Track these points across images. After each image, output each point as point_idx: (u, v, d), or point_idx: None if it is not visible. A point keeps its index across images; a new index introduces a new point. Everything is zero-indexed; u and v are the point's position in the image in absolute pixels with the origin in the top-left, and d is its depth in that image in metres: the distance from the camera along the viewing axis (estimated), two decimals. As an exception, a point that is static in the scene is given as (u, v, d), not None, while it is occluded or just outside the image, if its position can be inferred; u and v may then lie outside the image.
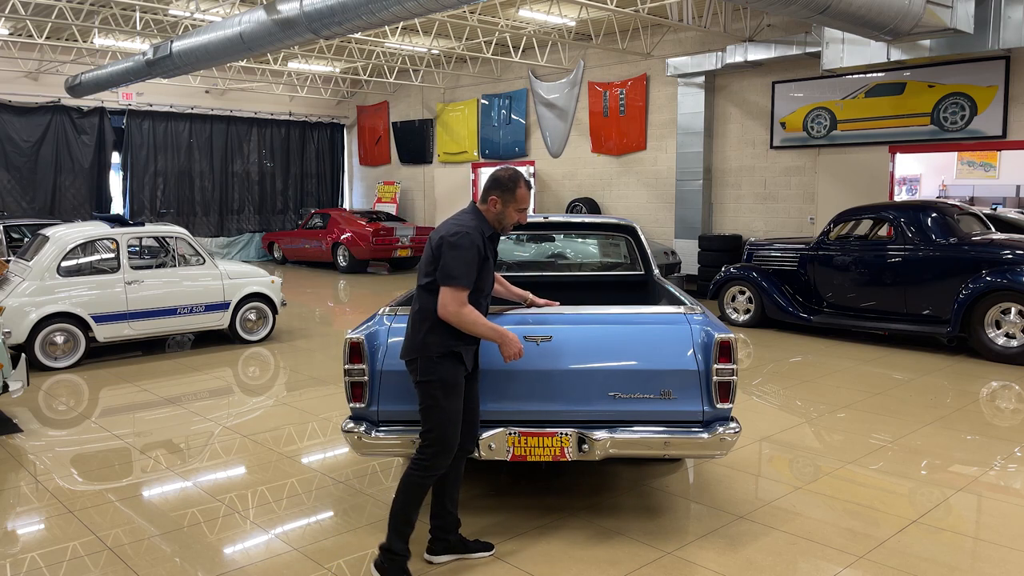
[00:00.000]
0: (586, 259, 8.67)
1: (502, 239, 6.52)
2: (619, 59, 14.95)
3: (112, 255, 8.44)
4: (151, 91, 17.90)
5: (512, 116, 17.27)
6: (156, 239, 9.22)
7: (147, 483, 4.87)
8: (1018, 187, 14.82)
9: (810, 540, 3.99)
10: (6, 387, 5.93)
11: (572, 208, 15.79)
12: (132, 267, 8.47)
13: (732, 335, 3.86)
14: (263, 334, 9.34)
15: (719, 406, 3.84)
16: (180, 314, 8.64)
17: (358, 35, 13.65)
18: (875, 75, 11.72)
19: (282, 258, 18.92)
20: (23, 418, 6.31)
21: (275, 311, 9.42)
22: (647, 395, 3.85)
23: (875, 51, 10.26)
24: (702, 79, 13.40)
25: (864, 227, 9.84)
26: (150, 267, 8.83)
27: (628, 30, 14.24)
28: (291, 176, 20.90)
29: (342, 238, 16.78)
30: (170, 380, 7.56)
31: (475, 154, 18.18)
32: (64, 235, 8.21)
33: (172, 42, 11.21)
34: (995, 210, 11.04)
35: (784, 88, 12.78)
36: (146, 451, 5.48)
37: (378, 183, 20.64)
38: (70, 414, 6.43)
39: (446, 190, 18.87)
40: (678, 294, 4.93)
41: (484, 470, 4.81)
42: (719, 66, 12.87)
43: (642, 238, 5.93)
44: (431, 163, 19.47)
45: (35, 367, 7.83)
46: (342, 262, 16.97)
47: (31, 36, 14.06)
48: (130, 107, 17.98)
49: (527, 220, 3.74)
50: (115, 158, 18.13)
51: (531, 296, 4.23)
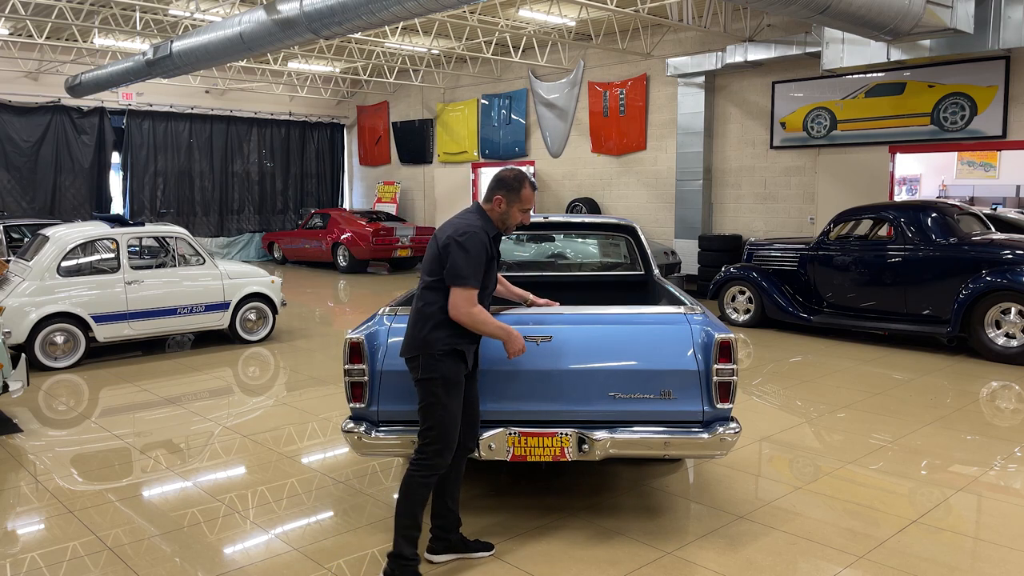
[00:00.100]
0: (586, 259, 8.68)
1: (502, 239, 6.52)
2: (619, 59, 14.95)
3: (112, 255, 8.44)
4: (151, 91, 17.91)
5: (512, 116, 17.27)
6: (156, 239, 9.23)
7: (147, 483, 4.87)
8: (1018, 187, 14.82)
9: (810, 540, 3.99)
10: (6, 387, 5.93)
11: (572, 208, 15.79)
12: (132, 267, 8.48)
13: (732, 335, 3.86)
14: (263, 334, 9.35)
15: (719, 406, 3.84)
16: (180, 314, 8.64)
17: (358, 35, 13.65)
18: (875, 75, 11.72)
19: (282, 258, 18.92)
20: (23, 418, 6.31)
21: (275, 311, 9.42)
22: (647, 395, 3.85)
23: (875, 51, 10.26)
24: (702, 79, 13.41)
25: (864, 227, 9.84)
26: (150, 267, 8.83)
27: (628, 30, 14.24)
28: (291, 176, 20.90)
29: (342, 238, 16.78)
30: (170, 380, 7.56)
31: (475, 154, 18.18)
32: (64, 235, 8.21)
33: (172, 42, 11.21)
34: (995, 210, 11.04)
35: (784, 88, 12.78)
36: (146, 451, 5.48)
37: (378, 183, 20.64)
38: (70, 414, 6.43)
39: (446, 190, 18.87)
40: (678, 294, 4.93)
41: (484, 470, 4.81)
42: (719, 66, 12.87)
43: (642, 238, 5.93)
44: (431, 163, 19.47)
45: (35, 367, 7.84)
46: (342, 262, 16.97)
47: (31, 36, 14.06)
48: (130, 107, 17.98)
49: (529, 220, 3.76)
50: (115, 158, 18.13)
51: (531, 296, 4.23)
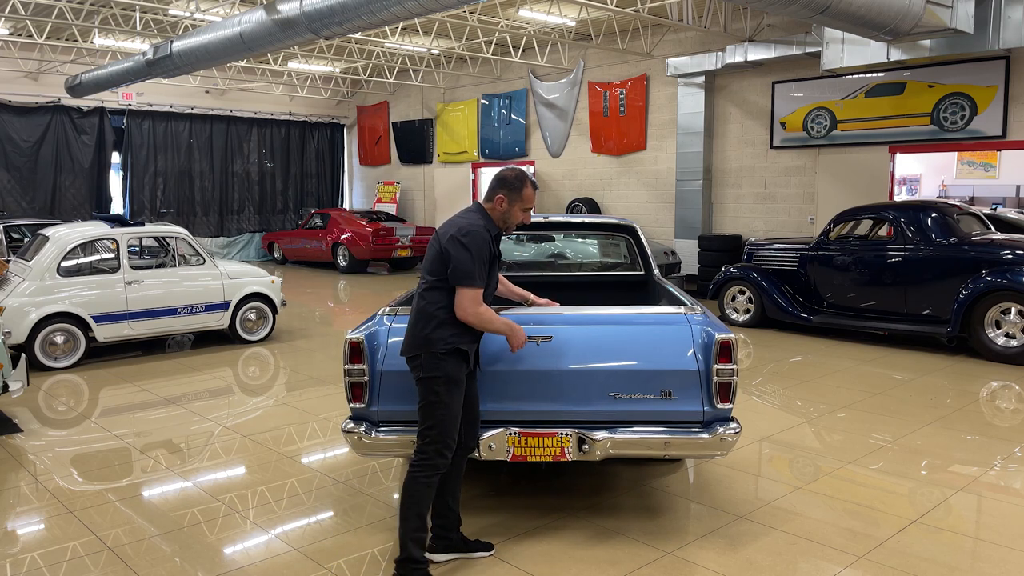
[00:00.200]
0: (586, 259, 8.67)
1: (502, 239, 6.52)
2: (619, 59, 14.95)
3: (112, 255, 8.44)
4: (151, 91, 17.90)
5: (512, 116, 17.26)
6: (156, 239, 9.23)
7: (147, 483, 4.87)
8: (1018, 187, 14.82)
9: (810, 540, 3.99)
10: (6, 387, 5.93)
11: (572, 208, 15.79)
12: (132, 267, 8.48)
13: (732, 335, 3.87)
14: (263, 334, 9.35)
15: (719, 406, 3.84)
16: (180, 314, 8.64)
17: (358, 35, 13.65)
18: (875, 75, 11.72)
19: (282, 258, 18.92)
20: (23, 418, 6.31)
21: (275, 311, 9.42)
22: (647, 395, 3.85)
23: (875, 51, 10.26)
24: (702, 79, 13.40)
25: (864, 227, 9.84)
26: (150, 267, 8.83)
27: (628, 30, 14.24)
28: (291, 176, 20.89)
29: (342, 238, 16.78)
30: (170, 380, 7.56)
31: (475, 154, 18.18)
32: (64, 235, 8.21)
33: (172, 42, 11.21)
34: (995, 210, 11.04)
35: (784, 88, 12.78)
36: (146, 451, 5.48)
37: (378, 183, 20.64)
38: (70, 414, 6.43)
39: (446, 190, 18.87)
40: (678, 294, 4.93)
41: (484, 470, 4.81)
42: (719, 66, 12.87)
43: (642, 238, 5.93)
44: (431, 163, 19.47)
45: (35, 367, 7.83)
46: (342, 262, 16.96)
47: (31, 36, 14.06)
48: (130, 107, 17.98)
49: (530, 220, 3.77)
50: (115, 158, 18.12)
51: (532, 296, 4.24)
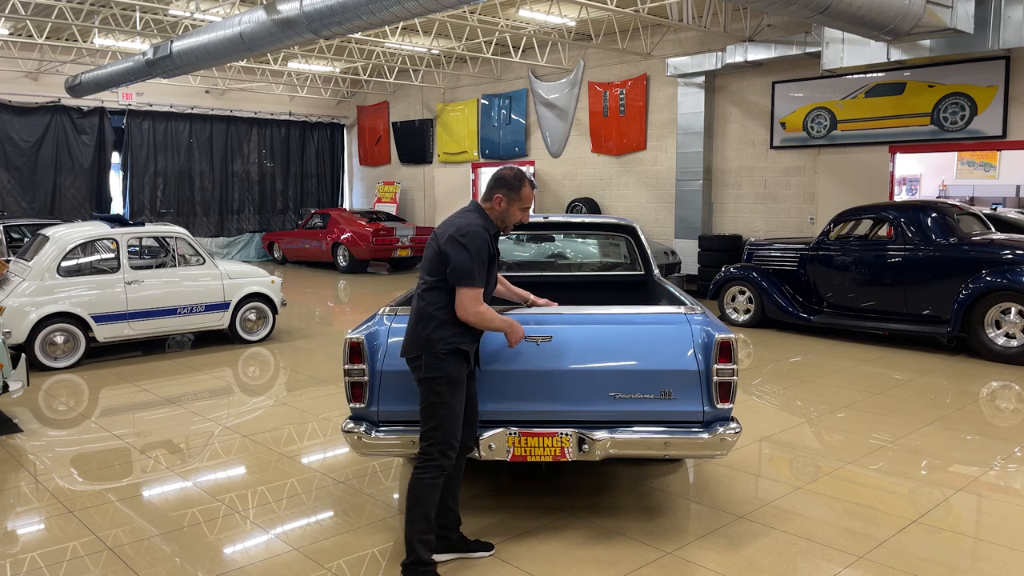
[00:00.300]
0: (586, 259, 8.68)
1: (502, 239, 6.53)
2: (619, 59, 14.95)
3: (112, 255, 8.44)
4: (151, 91, 17.90)
5: (512, 116, 17.26)
6: (156, 239, 9.22)
7: (147, 483, 4.87)
8: (1018, 187, 14.82)
9: (810, 540, 3.99)
10: (6, 387, 5.93)
11: (572, 208, 15.79)
12: (132, 267, 8.47)
13: (732, 335, 3.86)
14: (263, 334, 9.35)
15: (719, 406, 3.84)
16: (180, 314, 8.64)
17: (358, 35, 13.65)
18: (875, 75, 11.72)
19: (282, 258, 18.92)
20: (23, 418, 6.31)
21: (275, 311, 9.42)
22: (647, 395, 3.85)
23: (875, 51, 10.26)
24: (702, 79, 13.40)
25: (864, 227, 9.83)
26: (150, 267, 8.83)
27: (628, 30, 14.24)
28: (291, 176, 20.89)
29: (342, 238, 16.78)
30: (170, 380, 7.56)
31: (475, 154, 18.18)
32: (64, 235, 8.21)
33: (172, 42, 11.21)
34: (995, 210, 11.04)
35: (784, 88, 12.78)
36: (146, 451, 5.48)
37: (378, 183, 20.64)
38: (70, 414, 6.43)
39: (446, 190, 18.87)
40: (678, 294, 4.93)
41: (484, 470, 4.81)
42: (719, 66, 12.87)
43: (642, 238, 5.92)
44: (431, 163, 19.47)
45: (35, 367, 7.83)
46: (342, 262, 16.96)
47: (31, 36, 14.06)
48: (130, 107, 17.98)
49: (528, 220, 3.76)
50: (115, 158, 18.12)
51: (531, 296, 4.23)
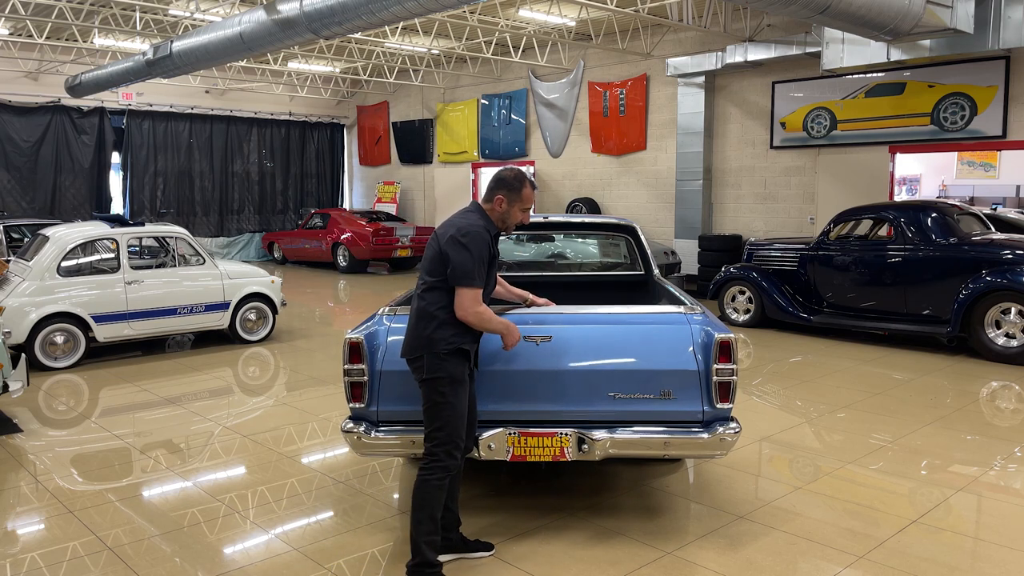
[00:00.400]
0: (586, 259, 8.67)
1: (502, 239, 6.53)
2: (619, 59, 14.95)
3: (112, 255, 8.44)
4: (151, 91, 17.90)
5: (512, 116, 17.26)
6: (156, 239, 9.22)
7: (147, 483, 4.87)
8: (1018, 187, 14.82)
9: (810, 540, 3.99)
10: (6, 387, 5.93)
11: (572, 208, 15.79)
12: (132, 267, 8.47)
13: (732, 335, 3.86)
14: (263, 334, 9.35)
15: (719, 406, 3.84)
16: (180, 314, 8.64)
17: (358, 35, 13.65)
18: (875, 75, 11.72)
19: (282, 258, 18.92)
20: (23, 418, 6.31)
21: (275, 311, 9.42)
22: (647, 395, 3.85)
23: (875, 51, 10.26)
24: (702, 79, 13.40)
25: (864, 227, 9.83)
26: (150, 267, 8.83)
27: (628, 30, 14.23)
28: (291, 176, 20.89)
29: (342, 238, 16.78)
30: (170, 380, 7.56)
31: (475, 154, 18.17)
32: (64, 235, 8.21)
33: (172, 42, 11.21)
34: (995, 210, 11.04)
35: (784, 88, 12.78)
36: (146, 451, 5.48)
37: (378, 183, 20.64)
38: (70, 414, 6.43)
39: (446, 190, 18.87)
40: (678, 294, 4.93)
41: (484, 470, 4.81)
42: (719, 66, 12.87)
43: (642, 238, 5.92)
44: (431, 163, 19.47)
45: (35, 367, 7.83)
46: (342, 262, 16.96)
47: (31, 36, 14.06)
48: (130, 107, 17.98)
49: (529, 220, 3.77)
50: (115, 158, 18.12)
51: (530, 296, 4.23)
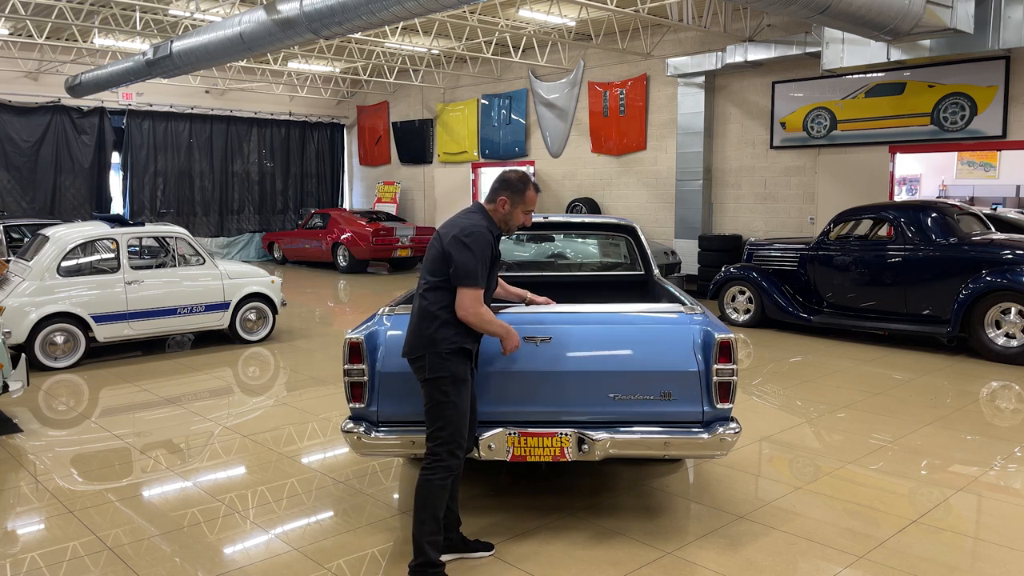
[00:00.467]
0: (586, 259, 8.67)
1: (501, 239, 6.53)
2: (619, 59, 14.94)
3: (112, 255, 8.44)
4: (151, 91, 17.90)
5: (512, 116, 17.26)
6: (156, 239, 9.22)
7: (147, 483, 4.87)
8: (1018, 187, 14.83)
9: (810, 540, 3.99)
10: (6, 387, 5.93)
11: (572, 208, 15.79)
12: (132, 267, 8.47)
13: (732, 335, 3.86)
14: (263, 334, 9.34)
15: (719, 406, 3.84)
16: (180, 314, 8.64)
17: (358, 35, 13.65)
18: (875, 75, 11.72)
19: (282, 258, 18.92)
20: (23, 418, 6.31)
21: (275, 311, 9.42)
22: (647, 396, 3.85)
23: (875, 51, 10.25)
24: (702, 79, 13.40)
25: (864, 227, 9.83)
26: (150, 267, 8.83)
27: (628, 30, 14.23)
28: (291, 176, 20.89)
29: (342, 238, 16.78)
30: (170, 380, 7.56)
31: (475, 154, 18.17)
32: (64, 235, 8.21)
33: (172, 42, 11.21)
34: (995, 210, 11.04)
35: (784, 88, 12.78)
36: (146, 451, 5.48)
37: (378, 183, 20.64)
38: (70, 414, 6.43)
39: (446, 190, 18.87)
40: (678, 294, 4.93)
41: (484, 470, 4.81)
42: (719, 66, 12.87)
43: (642, 238, 5.92)
44: (431, 163, 19.47)
45: (35, 367, 7.83)
46: (342, 262, 16.96)
47: (31, 36, 14.05)
48: (130, 107, 17.97)
49: (531, 222, 3.77)
50: (115, 158, 18.12)
51: (530, 294, 4.24)
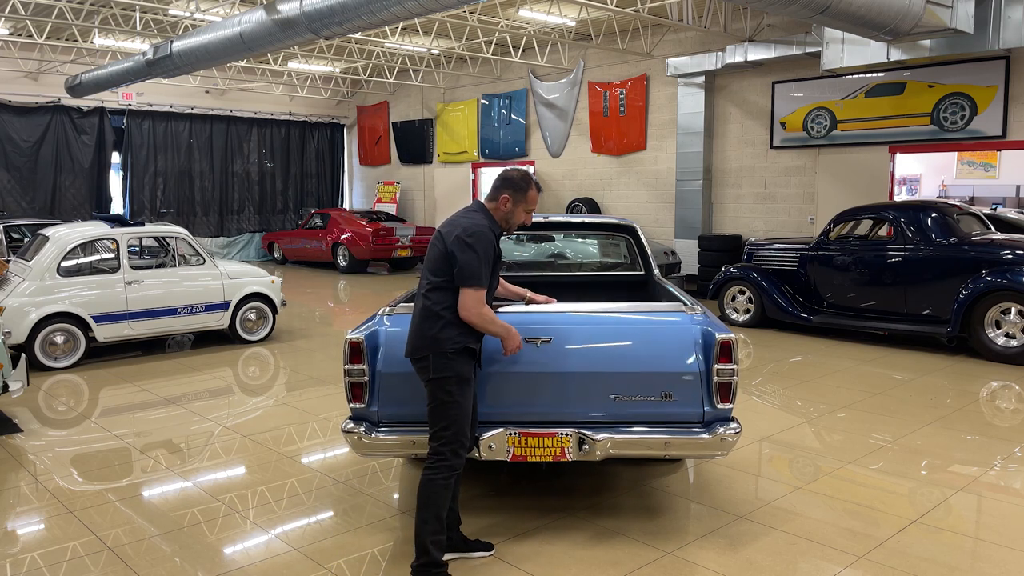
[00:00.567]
0: (586, 259, 8.67)
1: (501, 239, 6.53)
2: (619, 59, 14.94)
3: (112, 255, 8.44)
4: (151, 91, 17.90)
5: (512, 116, 17.26)
6: (156, 239, 9.22)
7: (147, 483, 4.87)
8: (1018, 187, 14.83)
9: (810, 540, 3.99)
10: (6, 387, 5.93)
11: (572, 208, 15.79)
12: (132, 267, 8.47)
13: (732, 335, 3.86)
14: (263, 334, 9.34)
15: (720, 406, 3.84)
16: (180, 314, 8.64)
17: (358, 35, 13.65)
18: (875, 75, 11.72)
19: (282, 258, 18.92)
20: (23, 418, 6.31)
21: (275, 311, 9.42)
22: (648, 397, 3.85)
23: (875, 51, 10.25)
24: (702, 79, 13.40)
25: (864, 227, 9.83)
26: (150, 267, 8.83)
27: (628, 30, 14.23)
28: (291, 176, 20.89)
29: (342, 238, 16.78)
30: (170, 380, 7.56)
31: (475, 154, 18.17)
32: (64, 235, 8.21)
33: (172, 42, 11.21)
34: (995, 210, 11.04)
35: (784, 88, 12.78)
36: (146, 451, 5.48)
37: (378, 183, 20.64)
38: (70, 414, 6.43)
39: (446, 190, 18.87)
40: (678, 294, 4.93)
41: (484, 470, 4.81)
42: (719, 66, 12.87)
43: (642, 238, 5.92)
44: (431, 163, 19.47)
45: (35, 367, 7.83)
46: (342, 262, 16.96)
47: (31, 36, 14.05)
48: (130, 107, 17.97)
49: (532, 221, 3.77)
50: (115, 158, 18.12)
51: (529, 293, 4.24)
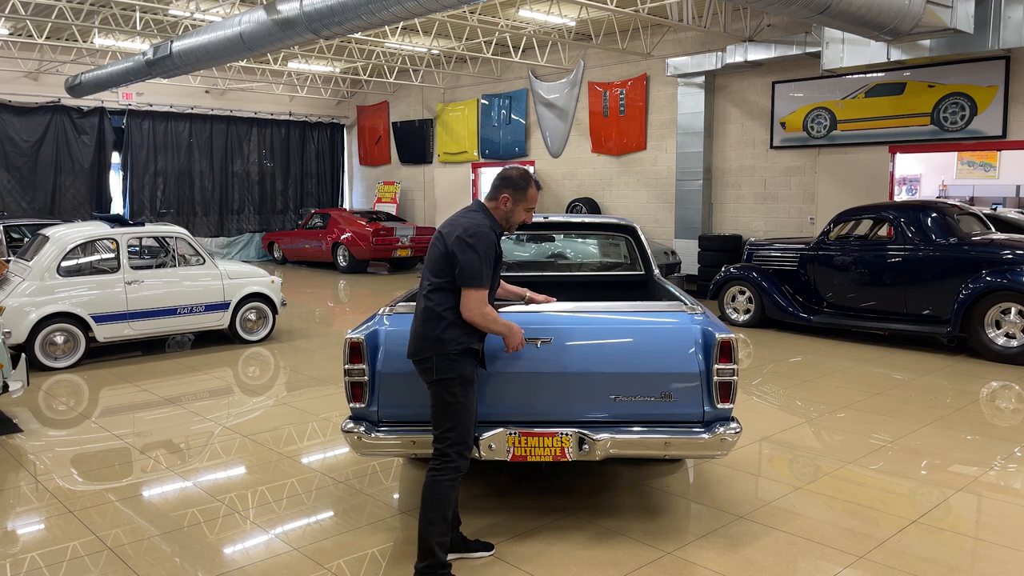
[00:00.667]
0: (586, 259, 8.67)
1: (502, 238, 6.53)
2: (619, 59, 14.94)
3: (112, 255, 8.44)
4: (151, 91, 17.90)
5: (512, 116, 17.26)
6: (156, 239, 9.22)
7: (147, 483, 4.87)
8: (1018, 187, 14.83)
9: (810, 540, 3.99)
10: (6, 387, 5.93)
11: (572, 208, 15.79)
12: (132, 267, 8.47)
13: (733, 335, 3.86)
14: (263, 334, 9.34)
15: (720, 406, 3.84)
16: (180, 314, 8.64)
17: (358, 35, 13.65)
18: (875, 75, 11.72)
19: (282, 258, 18.92)
20: (23, 418, 6.31)
21: (275, 311, 9.42)
22: (648, 397, 3.85)
23: (875, 51, 10.25)
24: (702, 79, 13.40)
25: (864, 227, 9.83)
26: (150, 267, 8.83)
27: (628, 30, 14.23)
28: (291, 176, 20.89)
29: (342, 238, 16.78)
30: (170, 380, 7.56)
31: (475, 154, 18.17)
32: (64, 235, 8.21)
33: (172, 42, 11.21)
34: (995, 210, 11.04)
35: (784, 88, 12.78)
36: (146, 451, 5.48)
37: (378, 183, 20.64)
38: (70, 414, 6.43)
39: (446, 190, 18.87)
40: (678, 294, 4.93)
41: (484, 470, 4.81)
42: (719, 66, 12.87)
43: (642, 238, 5.92)
44: (431, 163, 19.47)
45: (35, 367, 7.83)
46: (342, 262, 16.96)
47: (31, 36, 14.05)
48: (130, 107, 17.97)
49: (532, 220, 3.77)
50: (115, 158, 18.12)
51: (529, 292, 4.23)
